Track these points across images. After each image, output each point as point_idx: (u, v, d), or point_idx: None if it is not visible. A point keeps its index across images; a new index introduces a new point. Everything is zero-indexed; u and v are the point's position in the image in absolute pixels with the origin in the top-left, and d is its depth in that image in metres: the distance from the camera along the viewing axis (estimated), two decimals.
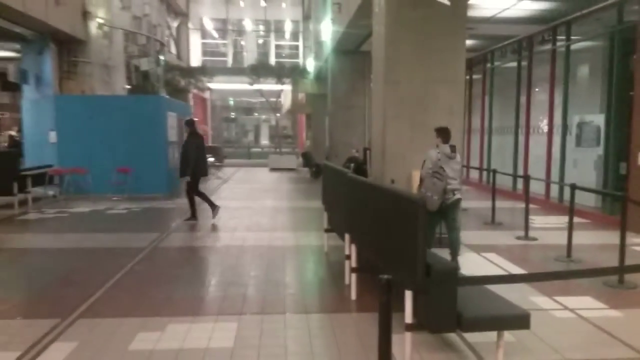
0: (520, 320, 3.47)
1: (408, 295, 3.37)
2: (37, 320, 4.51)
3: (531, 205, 8.65)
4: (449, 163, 6.11)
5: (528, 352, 3.93)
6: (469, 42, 8.25)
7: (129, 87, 17.34)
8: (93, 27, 15.10)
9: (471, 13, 9.14)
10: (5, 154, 13.66)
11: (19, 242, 7.81)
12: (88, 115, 12.64)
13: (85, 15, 14.84)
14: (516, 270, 6.31)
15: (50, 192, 12.49)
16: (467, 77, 15.41)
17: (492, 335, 3.57)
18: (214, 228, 8.87)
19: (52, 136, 12.75)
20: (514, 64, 13.59)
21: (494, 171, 9.88)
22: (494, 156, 14.97)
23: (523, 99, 13.10)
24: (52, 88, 14.29)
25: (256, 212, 10.55)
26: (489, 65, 15.22)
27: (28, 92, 15.10)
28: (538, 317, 4.23)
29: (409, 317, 3.37)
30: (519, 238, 8.07)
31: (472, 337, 4.04)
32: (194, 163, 9.14)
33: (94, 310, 4.79)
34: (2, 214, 10.05)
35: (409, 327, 3.40)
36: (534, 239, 7.99)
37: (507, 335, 3.78)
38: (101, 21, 15.30)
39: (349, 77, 16.95)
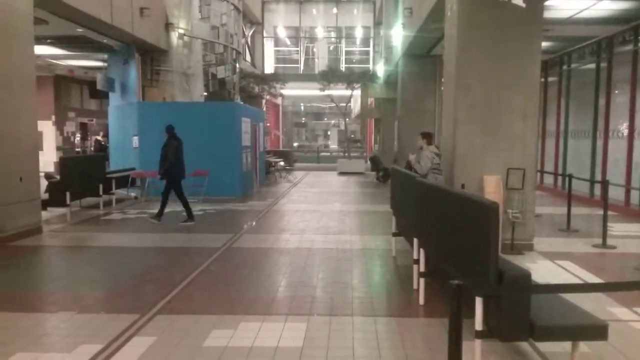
0: (597, 330, 3.34)
1: (478, 301, 3.33)
2: (118, 315, 4.76)
3: (610, 212, 8.22)
4: (439, 160, 7.47)
5: None
6: (544, 44, 7.97)
7: (206, 94, 18.04)
8: (174, 37, 15.88)
9: (547, 14, 8.83)
10: (92, 157, 14.60)
11: (103, 241, 8.33)
12: (168, 121, 13.28)
13: (168, 26, 15.64)
14: (592, 279, 6.04)
15: (133, 194, 13.25)
16: (542, 79, 14.84)
17: (566, 345, 3.46)
18: (282, 230, 9.08)
19: (135, 141, 13.52)
20: (592, 65, 12.95)
21: (570, 176, 9.48)
22: (569, 160, 14.33)
23: (602, 102, 12.46)
24: (135, 95, 15.13)
25: (325, 215, 10.69)
26: (565, 67, 14.60)
27: (114, 99, 16.08)
28: (616, 328, 4.05)
29: (479, 324, 3.32)
30: (596, 246, 7.70)
31: (545, 346, 3.92)
32: (172, 165, 9.46)
33: (172, 307, 5.04)
34: (89, 213, 10.77)
35: (479, 335, 3.35)
36: (613, 247, 7.60)
37: (583, 346, 3.65)
38: (182, 32, 16.06)
39: (418, 81, 16.83)
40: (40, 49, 14.59)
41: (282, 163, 21.25)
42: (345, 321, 4.65)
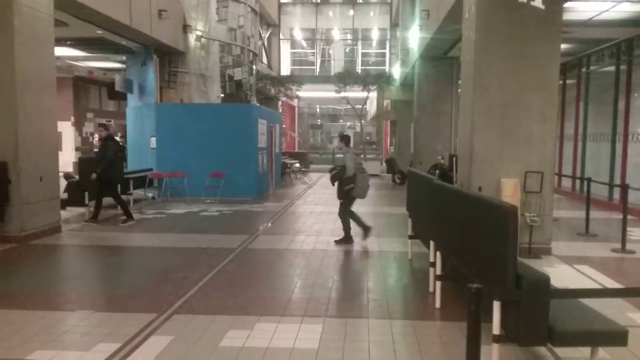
0: (616, 336, 3.28)
1: (496, 305, 3.29)
2: (136, 314, 4.80)
3: (629, 216, 8.09)
4: (359, 159, 8.26)
5: None
6: (562, 46, 7.89)
7: (222, 95, 18.14)
8: (192, 39, 16.00)
9: (566, 16, 8.74)
10: None
11: (121, 240, 8.43)
12: (185, 122, 13.41)
13: (185, 28, 15.77)
14: (612, 284, 5.96)
15: (150, 194, 13.38)
16: (561, 82, 14.68)
17: (585, 351, 3.41)
18: (297, 231, 9.08)
19: (153, 142, 13.66)
20: (612, 68, 12.78)
21: (589, 179, 9.36)
22: (588, 164, 14.14)
23: (621, 105, 12.29)
24: (153, 96, 15.27)
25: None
26: (584, 69, 14.42)
27: (131, 100, 16.24)
28: (636, 334, 3.97)
29: (496, 329, 3.29)
30: (615, 250, 7.59)
31: (563, 352, 3.87)
32: (109, 167, 9.40)
33: (188, 307, 5.07)
34: (107, 213, 10.89)
35: (497, 339, 3.31)
36: (632, 251, 7.48)
37: (602, 352, 3.60)
38: (199, 33, 16.18)
39: (435, 83, 16.77)
40: (60, 51, 14.80)
41: (297, 164, 21.29)
42: (361, 323, 4.64)
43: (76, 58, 17.53)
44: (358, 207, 12.23)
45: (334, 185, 8.26)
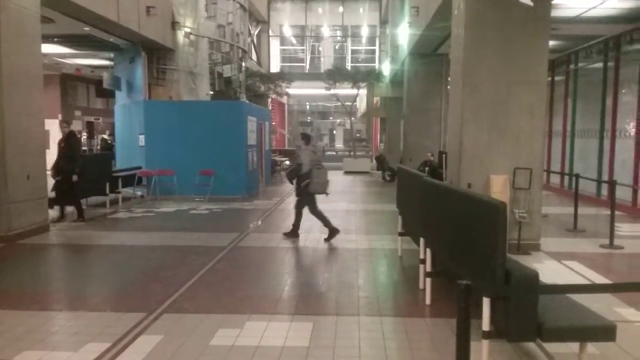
0: (605, 331, 3.31)
1: (486, 302, 3.31)
2: (125, 314, 4.77)
3: (617, 212, 8.18)
4: (318, 157, 8.28)
5: None
6: (551, 43, 7.94)
7: (212, 92, 18.06)
8: (180, 36, 15.90)
9: (554, 13, 8.79)
10: (99, 156, 14.65)
11: (109, 239, 8.35)
12: (174, 119, 13.33)
13: (174, 25, 15.66)
14: (600, 279, 6.01)
15: (139, 193, 13.30)
16: (549, 78, 14.77)
17: (573, 346, 3.44)
18: (288, 229, 9.06)
19: (141, 139, 13.56)
20: (600, 64, 12.88)
21: (577, 176, 9.43)
22: (576, 160, 14.27)
23: (609, 101, 12.40)
24: (141, 94, 15.16)
25: (330, 215, 10.58)
26: (572, 66, 14.53)
27: (120, 98, 16.12)
28: (624, 329, 4.02)
29: (486, 325, 3.30)
30: (603, 246, 7.66)
31: (552, 347, 3.90)
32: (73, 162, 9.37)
33: (178, 306, 5.04)
34: (95, 212, 10.81)
35: (486, 335, 3.33)
36: (620, 247, 7.56)
37: (590, 347, 3.63)
38: (188, 30, 16.08)
39: (425, 80, 16.82)
40: (47, 48, 14.64)
41: (287, 162, 21.26)
42: (352, 321, 4.65)
43: (63, 55, 17.38)
44: (348, 204, 12.31)
45: (292, 183, 8.55)
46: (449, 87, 10.79)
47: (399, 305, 5.21)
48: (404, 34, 16.76)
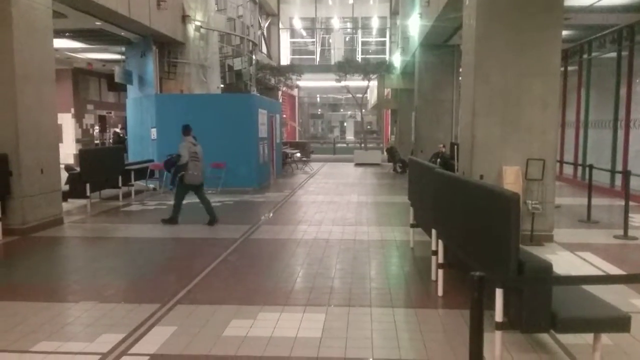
0: (620, 322, 3.29)
1: (499, 293, 3.30)
2: (139, 305, 4.82)
3: (631, 203, 8.10)
4: (197, 149, 8.62)
5: (627, 357, 3.73)
6: (564, 33, 7.84)
7: (222, 85, 18.07)
8: (191, 29, 15.91)
9: (567, 2, 8.68)
10: (112, 149, 14.75)
11: (123, 232, 8.44)
12: (185, 112, 13.36)
13: (185, 18, 15.67)
14: (614, 270, 5.97)
15: (151, 186, 13.39)
16: (562, 69, 14.61)
17: (587, 337, 3.43)
18: (299, 221, 9.09)
19: (153, 133, 13.63)
20: (614, 54, 12.71)
21: (591, 166, 9.34)
22: (589, 151, 14.12)
23: (623, 91, 12.24)
24: (153, 87, 15.22)
25: (341, 207, 10.68)
26: (585, 56, 14.34)
27: (131, 91, 16.19)
28: (639, 320, 3.98)
29: (499, 316, 3.29)
30: (617, 237, 7.60)
31: (566, 338, 3.89)
32: None
33: (192, 297, 5.09)
34: (108, 205, 10.91)
35: (500, 326, 3.32)
36: (634, 238, 7.49)
37: (605, 338, 3.61)
38: (198, 24, 16.08)
39: (436, 71, 16.71)
40: (59, 43, 14.73)
41: (298, 154, 21.27)
42: (364, 312, 4.66)
43: (75, 50, 17.45)
44: (359, 196, 12.29)
45: (169, 172, 8.97)
46: (460, 78, 10.72)
47: (411, 297, 5.21)
48: (415, 25, 16.63)
